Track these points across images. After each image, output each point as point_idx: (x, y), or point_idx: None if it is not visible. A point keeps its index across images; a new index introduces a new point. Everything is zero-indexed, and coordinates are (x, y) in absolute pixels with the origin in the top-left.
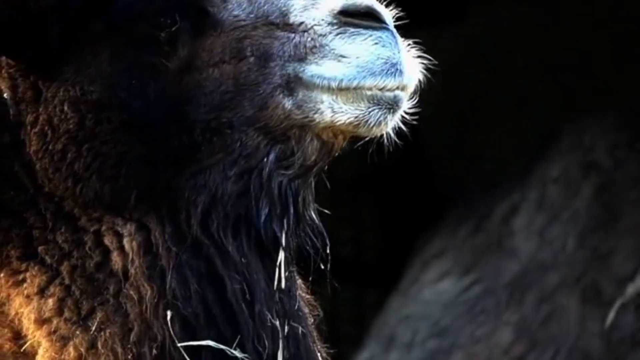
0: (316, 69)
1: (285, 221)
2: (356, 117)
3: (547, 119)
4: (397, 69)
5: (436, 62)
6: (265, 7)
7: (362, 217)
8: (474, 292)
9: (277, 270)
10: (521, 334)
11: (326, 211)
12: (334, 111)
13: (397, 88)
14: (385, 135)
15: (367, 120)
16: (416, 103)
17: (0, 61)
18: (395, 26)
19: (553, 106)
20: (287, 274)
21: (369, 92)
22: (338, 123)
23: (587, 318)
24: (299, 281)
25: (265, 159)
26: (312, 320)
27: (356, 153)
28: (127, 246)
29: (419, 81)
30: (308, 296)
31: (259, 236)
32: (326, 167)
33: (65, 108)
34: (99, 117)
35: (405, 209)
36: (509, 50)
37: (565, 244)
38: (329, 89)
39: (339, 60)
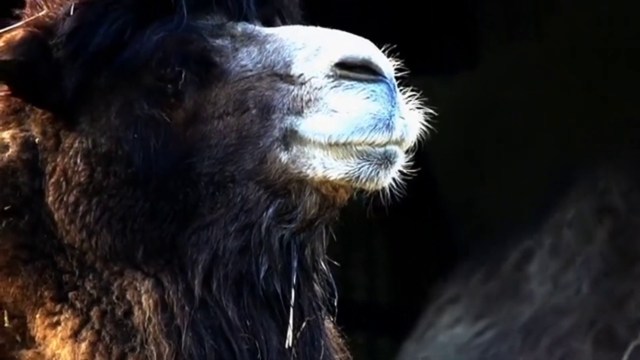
0: (310, 124)
1: (291, 276)
2: (347, 172)
3: (560, 163)
4: (385, 124)
5: (445, 108)
6: (273, 57)
7: (375, 262)
8: (487, 336)
9: (287, 329)
10: None
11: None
12: (325, 167)
13: (389, 143)
14: (387, 189)
15: (358, 176)
16: (428, 148)
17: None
18: (398, 76)
19: (567, 150)
20: (305, 325)
21: (359, 148)
22: (330, 178)
23: None
24: (329, 327)
25: (264, 214)
26: None
27: (368, 198)
28: (144, 304)
29: (422, 132)
30: (339, 341)
31: (262, 293)
32: (337, 217)
33: (78, 160)
34: (107, 170)
35: (418, 254)
36: (521, 94)
37: (579, 288)
38: (321, 145)
39: (331, 115)
